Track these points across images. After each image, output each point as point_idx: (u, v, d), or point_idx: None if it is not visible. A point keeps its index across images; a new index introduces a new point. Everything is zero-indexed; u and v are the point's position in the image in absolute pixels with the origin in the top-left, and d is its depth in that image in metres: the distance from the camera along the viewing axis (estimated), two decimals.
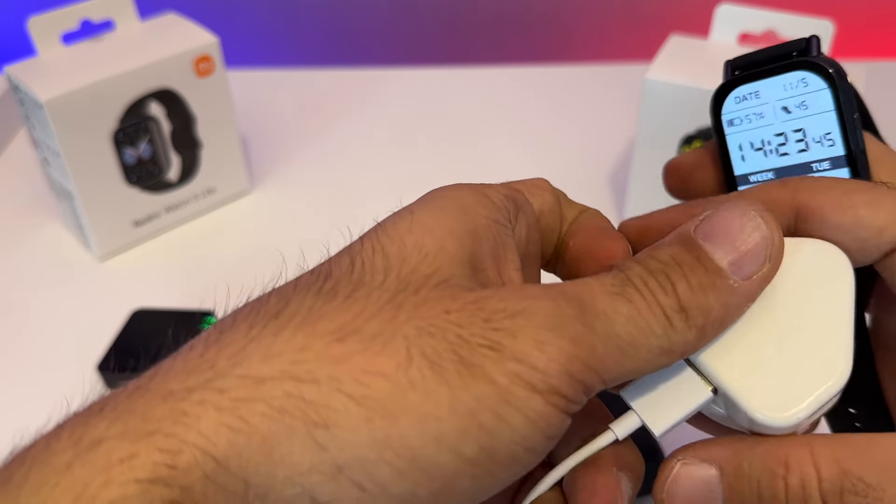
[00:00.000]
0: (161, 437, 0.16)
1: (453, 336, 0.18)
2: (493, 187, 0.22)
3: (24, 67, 0.50)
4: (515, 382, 0.17)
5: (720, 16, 0.51)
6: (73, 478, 0.16)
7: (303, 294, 0.19)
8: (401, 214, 0.22)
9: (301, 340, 0.18)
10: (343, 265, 0.20)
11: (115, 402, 0.18)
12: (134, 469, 0.16)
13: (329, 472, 0.17)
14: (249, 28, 0.85)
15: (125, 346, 0.45)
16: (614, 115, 0.68)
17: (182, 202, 0.57)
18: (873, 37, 0.82)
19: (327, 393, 0.17)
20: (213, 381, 0.17)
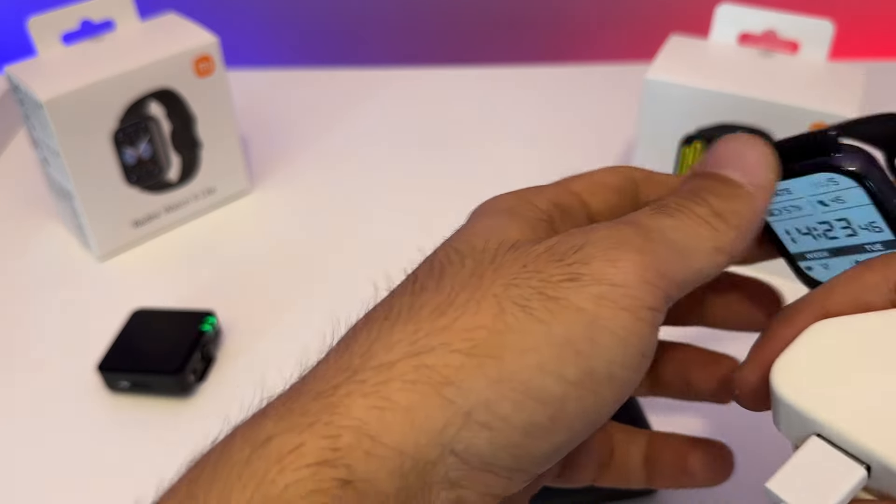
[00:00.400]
0: (321, 427, 0.19)
1: (535, 282, 0.20)
2: (541, 193, 0.25)
3: (24, 67, 0.50)
4: (601, 304, 0.19)
5: (720, 16, 0.51)
6: (252, 469, 0.18)
7: (400, 298, 0.22)
8: (461, 227, 0.25)
9: (412, 327, 0.20)
10: (424, 269, 0.23)
11: (274, 408, 0.20)
12: (303, 456, 0.18)
13: (461, 422, 0.19)
14: (249, 28, 0.85)
15: (125, 346, 0.45)
16: (614, 115, 0.68)
17: (182, 202, 0.57)
18: (873, 37, 0.82)
19: (443, 355, 0.19)
20: (353, 377, 0.20)
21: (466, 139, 0.67)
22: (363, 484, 0.18)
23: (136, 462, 0.42)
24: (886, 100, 0.69)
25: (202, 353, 0.45)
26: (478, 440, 0.19)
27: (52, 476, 0.41)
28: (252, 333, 0.48)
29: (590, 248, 0.20)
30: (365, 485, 0.18)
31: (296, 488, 0.18)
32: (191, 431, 0.43)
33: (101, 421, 0.44)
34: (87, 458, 0.42)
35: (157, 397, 0.45)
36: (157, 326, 0.47)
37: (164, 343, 0.45)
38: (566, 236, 0.21)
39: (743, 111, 0.47)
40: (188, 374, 0.44)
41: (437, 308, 0.20)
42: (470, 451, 0.19)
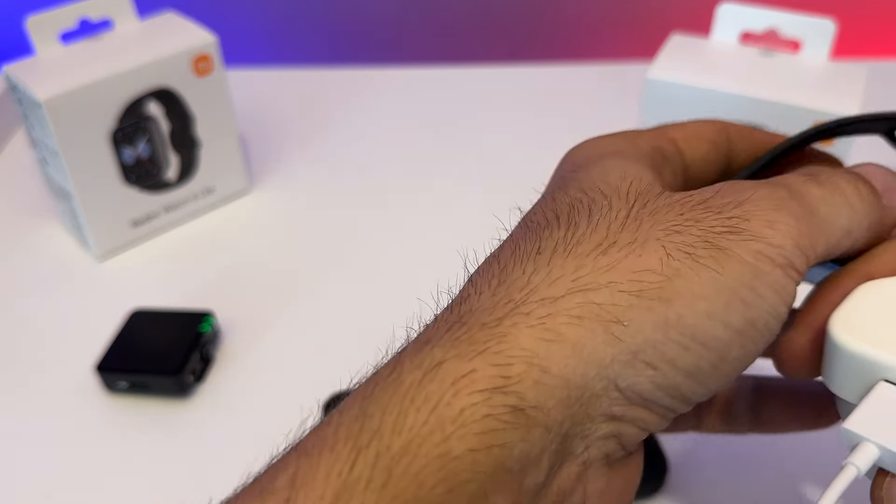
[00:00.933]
0: (491, 355, 0.19)
1: (697, 230, 0.20)
2: (643, 135, 0.25)
3: (22, 67, 0.50)
4: (760, 259, 0.20)
5: (721, 15, 0.51)
6: (426, 392, 0.19)
7: (549, 232, 0.22)
8: (581, 169, 0.24)
9: (572, 262, 0.21)
10: (561, 209, 0.23)
11: (436, 337, 0.20)
12: (475, 382, 0.19)
13: (627, 360, 0.20)
14: (248, 27, 0.85)
15: (124, 347, 0.45)
16: (616, 113, 0.68)
17: (181, 202, 0.57)
18: (875, 36, 0.82)
19: (611, 294, 0.20)
20: (517, 309, 0.20)
21: (466, 139, 0.67)
22: (533, 411, 0.19)
23: (134, 463, 0.41)
24: (889, 99, 0.69)
25: (201, 354, 0.45)
26: (641, 378, 0.20)
27: (51, 476, 0.41)
28: (251, 334, 0.48)
29: (749, 206, 0.21)
30: (535, 412, 0.19)
31: (471, 412, 0.18)
32: (189, 432, 0.43)
33: (99, 422, 0.44)
34: (85, 458, 0.42)
35: (156, 398, 0.44)
36: (155, 327, 0.46)
37: (163, 343, 0.45)
38: (720, 192, 0.22)
39: (744, 110, 0.47)
40: (187, 375, 0.44)
41: (598, 246, 0.21)
42: (633, 388, 0.20)
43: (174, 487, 0.40)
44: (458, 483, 0.18)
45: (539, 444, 0.19)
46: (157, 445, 0.42)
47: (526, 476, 0.19)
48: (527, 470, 0.19)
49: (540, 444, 0.19)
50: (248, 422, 0.43)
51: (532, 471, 0.19)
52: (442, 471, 0.18)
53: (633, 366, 0.20)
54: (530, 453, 0.19)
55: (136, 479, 0.41)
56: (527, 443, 0.19)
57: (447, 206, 0.59)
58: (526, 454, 0.19)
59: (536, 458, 0.19)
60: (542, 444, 0.19)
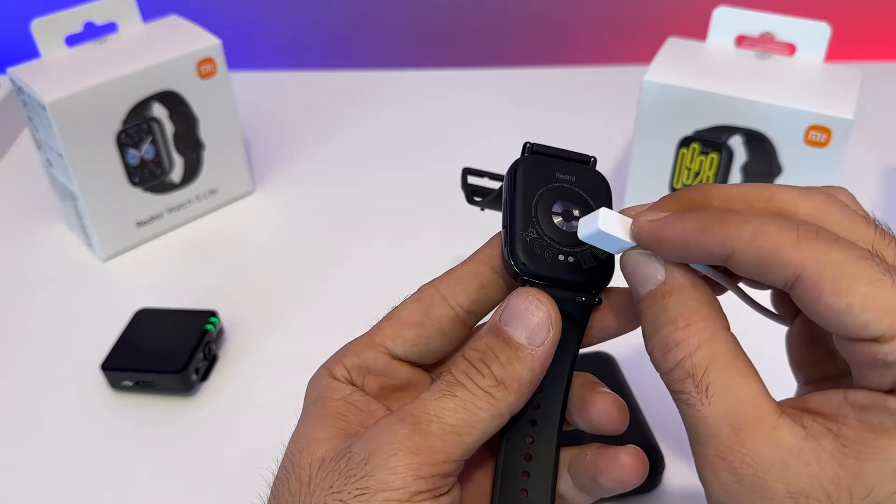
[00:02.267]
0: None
1: (338, 502, 0.24)
2: (345, 357, 0.29)
3: (28, 69, 0.51)
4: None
5: (717, 18, 0.51)
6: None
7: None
8: (291, 436, 0.28)
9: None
10: (274, 487, 0.27)
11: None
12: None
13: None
14: (252, 30, 0.86)
15: (129, 346, 0.46)
16: (613, 116, 0.69)
17: (185, 203, 0.57)
18: (869, 39, 0.82)
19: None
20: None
21: (466, 140, 0.68)
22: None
23: (139, 460, 0.42)
24: (883, 101, 0.70)
25: (205, 353, 0.46)
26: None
27: (56, 474, 0.41)
28: (254, 332, 0.49)
29: (374, 459, 0.24)
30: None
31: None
32: (193, 430, 0.44)
33: (104, 420, 0.44)
34: (90, 456, 0.42)
35: (161, 396, 0.45)
36: (160, 326, 0.47)
37: (168, 342, 0.46)
38: (361, 443, 0.25)
39: (740, 113, 0.47)
40: (191, 373, 0.44)
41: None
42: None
43: (178, 484, 0.41)
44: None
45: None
46: (162, 443, 0.43)
47: None
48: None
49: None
50: (252, 419, 0.44)
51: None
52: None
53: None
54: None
55: (141, 475, 0.41)
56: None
57: (447, 206, 0.60)
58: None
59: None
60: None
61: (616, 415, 0.28)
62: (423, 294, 0.29)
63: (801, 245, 0.22)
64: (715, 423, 0.23)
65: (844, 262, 0.21)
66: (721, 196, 0.25)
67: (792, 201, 0.24)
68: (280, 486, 0.26)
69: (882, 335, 0.21)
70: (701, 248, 0.23)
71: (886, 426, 0.21)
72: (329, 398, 0.28)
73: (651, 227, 0.24)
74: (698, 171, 0.51)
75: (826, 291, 0.21)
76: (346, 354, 0.29)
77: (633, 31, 0.84)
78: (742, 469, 0.22)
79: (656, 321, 0.24)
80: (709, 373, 0.23)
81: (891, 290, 0.21)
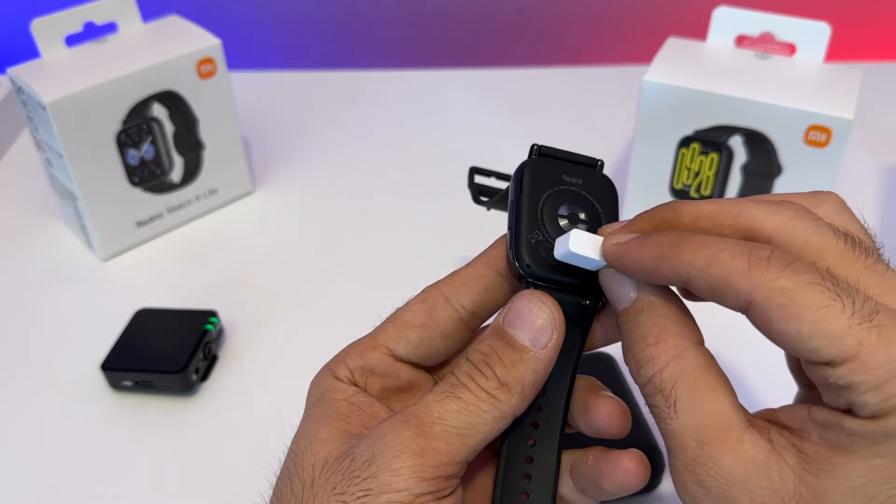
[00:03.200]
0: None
1: None
2: (348, 358, 0.29)
3: (28, 69, 0.51)
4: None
5: (717, 18, 0.51)
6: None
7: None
8: (304, 413, 0.28)
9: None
10: (276, 488, 0.27)
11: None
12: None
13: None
14: (252, 30, 0.86)
15: (129, 346, 0.46)
16: (613, 116, 0.69)
17: (185, 203, 0.57)
18: (869, 39, 0.82)
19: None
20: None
21: (466, 140, 0.68)
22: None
23: (139, 460, 0.42)
24: (882, 101, 0.70)
25: (205, 353, 0.46)
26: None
27: (56, 474, 0.41)
28: (254, 333, 0.49)
29: (378, 460, 0.24)
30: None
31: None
32: (193, 430, 0.44)
33: (104, 420, 0.44)
34: (90, 456, 0.42)
35: (160, 396, 0.45)
36: (160, 326, 0.47)
37: (167, 342, 0.46)
38: (364, 444, 0.25)
39: (740, 113, 0.47)
40: (191, 373, 0.44)
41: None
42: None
43: (179, 484, 0.41)
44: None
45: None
46: (162, 443, 0.43)
47: None
48: None
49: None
50: (252, 419, 0.44)
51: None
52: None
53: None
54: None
55: (141, 476, 0.41)
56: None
57: (448, 206, 0.60)
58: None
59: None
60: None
61: (618, 419, 0.28)
62: (426, 296, 0.29)
63: (751, 273, 0.22)
64: (683, 437, 0.24)
65: (793, 289, 0.21)
66: (691, 214, 0.25)
67: (759, 218, 0.24)
68: (283, 487, 0.26)
69: (832, 360, 0.21)
70: (659, 273, 0.24)
71: (843, 444, 0.22)
72: (332, 399, 0.28)
73: (615, 250, 0.25)
74: (698, 171, 0.51)
75: (775, 318, 0.22)
76: (349, 355, 0.29)
77: (633, 31, 0.84)
78: (707, 481, 0.23)
79: (630, 338, 0.25)
80: (676, 388, 0.24)
81: (839, 316, 0.21)
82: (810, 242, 0.23)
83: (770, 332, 0.22)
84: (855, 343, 0.21)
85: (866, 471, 0.21)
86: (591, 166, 0.30)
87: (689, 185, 0.51)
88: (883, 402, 0.20)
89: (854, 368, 0.21)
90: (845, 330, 0.21)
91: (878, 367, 0.20)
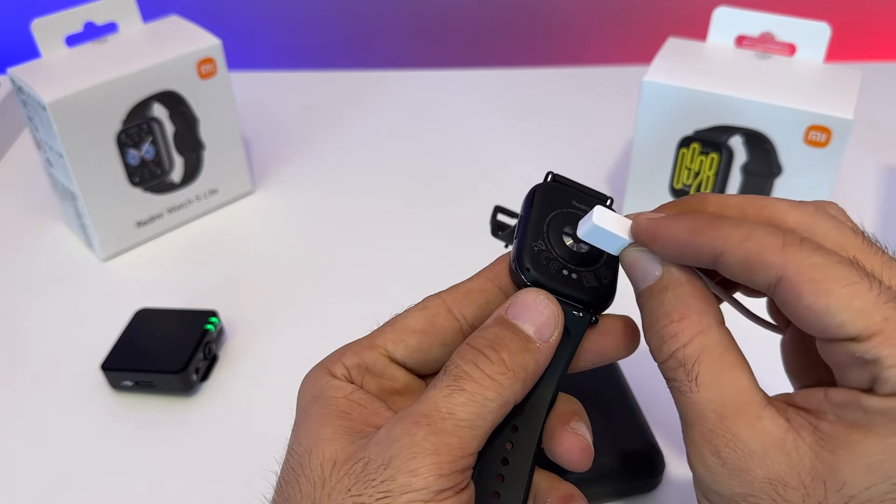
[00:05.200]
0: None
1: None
2: (344, 356, 0.28)
3: (28, 69, 0.51)
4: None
5: (717, 18, 0.51)
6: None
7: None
8: (298, 417, 0.28)
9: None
10: (278, 488, 0.27)
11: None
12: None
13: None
14: (252, 30, 0.86)
15: (129, 346, 0.46)
16: (613, 116, 0.69)
17: (185, 203, 0.57)
18: (869, 39, 0.82)
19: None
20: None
21: (466, 140, 0.68)
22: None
23: (139, 460, 0.42)
24: (882, 101, 0.70)
25: (205, 353, 0.46)
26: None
27: (56, 474, 0.42)
28: (254, 333, 0.49)
29: (395, 463, 0.24)
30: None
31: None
32: (194, 430, 0.44)
33: (104, 420, 0.44)
34: (90, 456, 0.42)
35: (161, 396, 0.45)
36: (160, 326, 0.47)
37: (168, 342, 0.46)
38: (376, 447, 0.25)
39: (740, 113, 0.47)
40: (191, 373, 0.44)
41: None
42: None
43: (179, 484, 0.41)
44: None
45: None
46: (162, 443, 0.43)
47: None
48: None
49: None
50: (252, 419, 0.44)
51: None
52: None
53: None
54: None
55: (141, 476, 0.41)
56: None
57: (448, 206, 0.60)
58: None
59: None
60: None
61: (577, 456, 0.28)
62: (428, 304, 0.29)
63: (784, 249, 0.23)
64: (702, 409, 0.24)
65: (824, 265, 0.22)
66: (717, 203, 0.27)
67: (783, 210, 0.26)
68: (289, 489, 0.26)
69: (858, 334, 0.22)
70: (692, 246, 0.25)
71: (861, 422, 0.22)
72: (331, 397, 0.28)
73: (648, 224, 0.26)
74: (698, 171, 0.51)
75: (805, 292, 0.22)
76: (346, 354, 0.29)
77: (633, 31, 0.84)
78: (725, 452, 0.24)
79: (653, 314, 0.26)
80: (699, 363, 0.25)
81: (867, 293, 0.22)
82: (830, 236, 0.24)
83: (798, 307, 0.23)
84: (882, 318, 0.21)
85: (883, 449, 0.22)
86: (601, 200, 0.31)
87: (689, 185, 0.51)
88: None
89: (881, 342, 0.21)
90: (872, 306, 0.22)
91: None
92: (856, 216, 0.27)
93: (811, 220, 0.25)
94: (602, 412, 0.39)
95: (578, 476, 0.30)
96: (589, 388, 0.34)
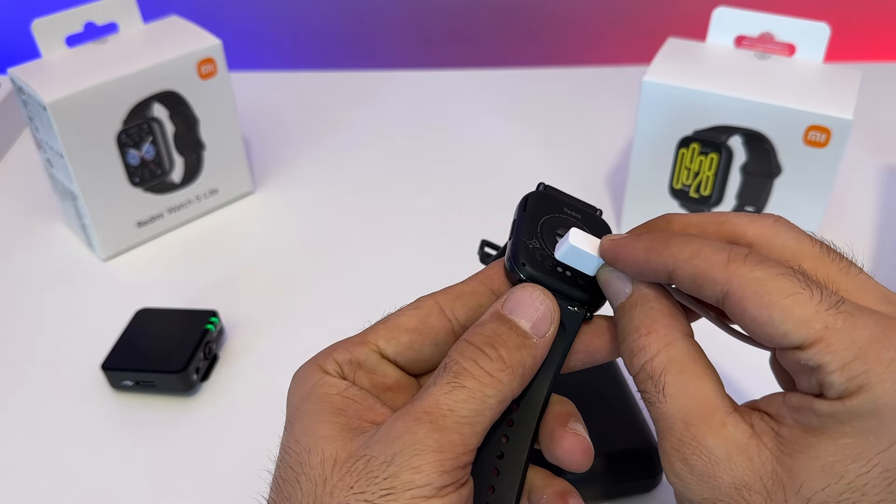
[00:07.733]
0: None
1: (364, 502, 0.24)
2: (335, 352, 0.29)
3: (28, 69, 0.51)
4: (417, 502, 0.24)
5: (717, 19, 0.51)
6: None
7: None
8: (291, 416, 0.28)
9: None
10: (274, 487, 0.27)
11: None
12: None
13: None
14: (252, 31, 0.86)
15: (129, 346, 0.46)
16: (613, 116, 0.69)
17: (185, 203, 0.58)
18: (868, 39, 0.82)
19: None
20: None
21: (466, 140, 0.68)
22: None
23: (139, 460, 0.42)
24: (882, 101, 0.70)
25: (205, 352, 0.46)
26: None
27: (56, 474, 0.42)
28: (255, 332, 0.49)
29: (397, 460, 0.24)
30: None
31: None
32: (194, 429, 0.44)
33: (105, 419, 0.44)
34: (91, 455, 0.42)
35: (161, 396, 0.45)
36: (160, 326, 0.47)
37: (168, 342, 0.46)
38: (378, 445, 0.25)
39: (739, 113, 0.47)
40: (191, 373, 0.44)
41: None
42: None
43: (179, 484, 0.41)
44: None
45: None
46: (162, 443, 0.43)
47: None
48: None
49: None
50: (253, 419, 0.44)
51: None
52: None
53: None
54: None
55: (141, 475, 0.41)
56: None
57: (448, 206, 0.60)
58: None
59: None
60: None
61: (579, 456, 0.29)
62: (421, 304, 0.30)
63: (729, 265, 0.24)
64: (670, 419, 0.25)
65: (766, 278, 0.23)
66: (680, 222, 0.28)
67: (742, 225, 0.27)
68: (289, 488, 0.26)
69: (802, 342, 0.23)
70: (648, 264, 0.26)
71: (814, 426, 0.23)
72: (325, 394, 0.28)
73: (610, 244, 0.28)
74: (698, 171, 0.51)
75: (750, 305, 0.23)
76: (337, 350, 0.29)
77: (633, 31, 0.84)
78: (693, 460, 0.25)
79: (624, 329, 0.27)
80: (665, 374, 0.26)
81: (808, 302, 0.23)
82: (788, 246, 0.26)
83: (745, 319, 0.24)
84: (822, 326, 0.22)
85: (836, 450, 0.22)
86: (591, 211, 0.32)
87: (689, 185, 0.51)
88: (849, 382, 0.22)
89: (821, 349, 0.22)
90: (813, 315, 0.22)
91: (843, 349, 0.22)
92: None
93: (770, 232, 0.26)
94: (601, 412, 0.39)
95: (577, 476, 0.30)
96: (588, 388, 0.34)
